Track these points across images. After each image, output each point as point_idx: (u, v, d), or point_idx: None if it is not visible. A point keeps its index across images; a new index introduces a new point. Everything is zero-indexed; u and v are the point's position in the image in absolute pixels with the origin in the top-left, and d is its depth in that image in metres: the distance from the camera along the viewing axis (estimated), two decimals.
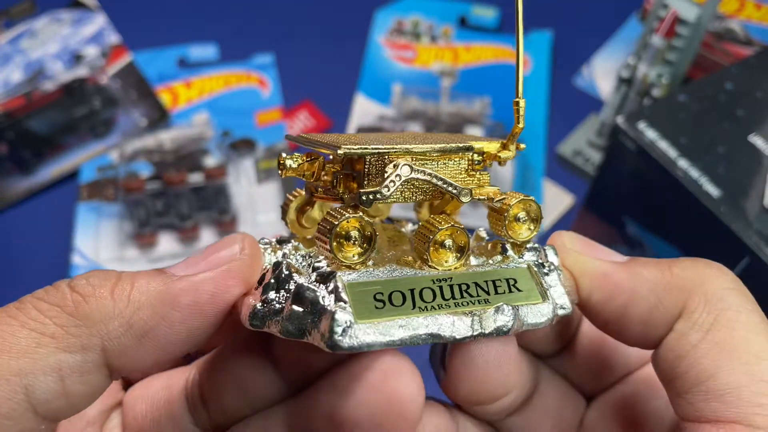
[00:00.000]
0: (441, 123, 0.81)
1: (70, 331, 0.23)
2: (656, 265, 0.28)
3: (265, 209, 0.77)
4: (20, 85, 0.87)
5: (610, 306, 0.28)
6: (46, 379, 0.22)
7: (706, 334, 0.25)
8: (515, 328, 0.26)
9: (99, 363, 0.24)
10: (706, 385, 0.24)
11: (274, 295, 0.25)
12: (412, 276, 0.26)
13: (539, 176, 0.80)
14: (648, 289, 0.27)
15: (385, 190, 0.26)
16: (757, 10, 0.89)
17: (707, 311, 0.26)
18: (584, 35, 0.95)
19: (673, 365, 0.26)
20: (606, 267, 0.28)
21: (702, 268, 0.27)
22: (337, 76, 0.91)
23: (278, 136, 0.84)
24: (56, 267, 0.74)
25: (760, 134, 0.55)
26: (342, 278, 0.25)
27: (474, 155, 0.29)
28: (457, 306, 0.26)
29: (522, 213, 0.29)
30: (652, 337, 0.27)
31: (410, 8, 0.98)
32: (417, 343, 0.24)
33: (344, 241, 0.26)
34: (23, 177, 0.81)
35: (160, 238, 0.74)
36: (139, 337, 0.24)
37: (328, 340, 0.23)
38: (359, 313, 0.24)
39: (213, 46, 0.93)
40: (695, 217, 0.53)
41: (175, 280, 0.25)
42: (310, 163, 0.28)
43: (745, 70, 0.60)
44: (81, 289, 0.24)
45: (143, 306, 0.24)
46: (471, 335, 0.25)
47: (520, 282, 0.28)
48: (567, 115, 0.86)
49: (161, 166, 0.77)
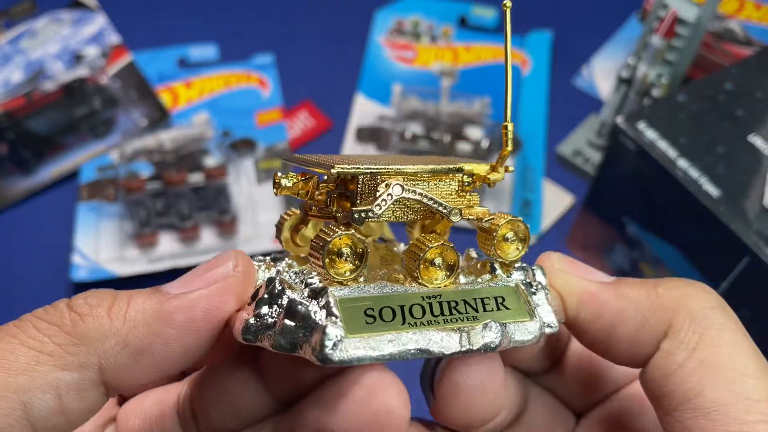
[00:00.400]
0: (441, 123, 0.81)
1: (68, 349, 0.24)
2: (642, 285, 0.28)
3: (265, 209, 0.77)
4: (20, 85, 0.87)
5: (597, 325, 0.28)
6: (44, 396, 0.23)
7: (692, 352, 0.26)
8: (503, 344, 0.26)
9: (96, 381, 0.24)
10: (693, 402, 0.25)
11: (267, 309, 0.26)
12: (402, 292, 0.27)
13: (539, 176, 0.81)
14: (634, 308, 0.28)
15: (377, 208, 0.27)
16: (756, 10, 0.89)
17: (692, 330, 0.26)
18: (584, 35, 0.95)
19: (661, 383, 0.26)
20: (593, 287, 0.29)
21: (686, 288, 0.28)
22: (337, 76, 0.91)
23: (278, 136, 0.84)
24: (56, 267, 0.74)
25: (759, 134, 0.55)
26: (334, 294, 0.25)
27: (464, 177, 0.30)
28: (446, 322, 0.26)
29: (510, 233, 0.29)
30: (639, 356, 0.28)
31: (410, 8, 0.98)
32: (406, 357, 0.25)
33: (336, 257, 0.26)
34: (23, 177, 0.81)
35: (161, 238, 0.74)
36: (136, 355, 0.25)
37: (319, 354, 0.24)
38: (350, 328, 0.24)
39: (213, 47, 0.93)
40: (695, 217, 0.53)
41: (170, 298, 0.26)
42: (305, 182, 0.29)
43: (744, 70, 0.60)
44: (79, 308, 0.25)
45: (139, 324, 0.25)
46: (459, 351, 0.26)
47: (507, 300, 0.28)
48: (567, 115, 0.86)
49: (161, 166, 0.77)
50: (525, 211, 0.77)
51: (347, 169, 0.27)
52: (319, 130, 0.86)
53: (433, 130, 0.80)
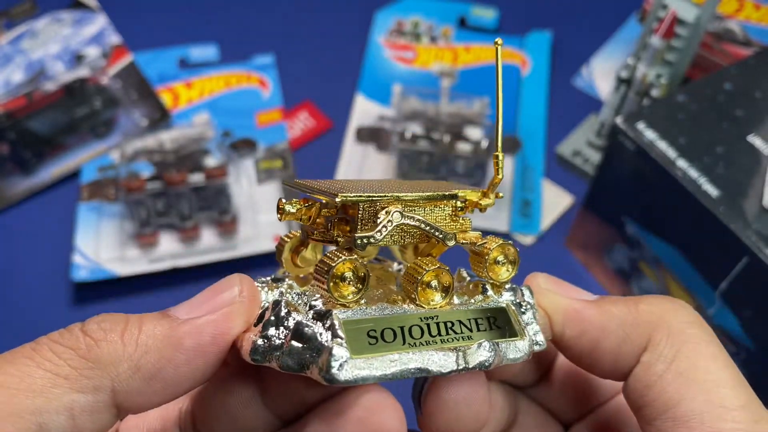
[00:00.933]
0: (441, 123, 0.81)
1: (83, 373, 0.25)
2: (624, 302, 0.30)
3: (266, 209, 0.77)
4: (21, 86, 0.87)
5: (582, 341, 0.30)
6: (59, 417, 0.24)
7: (670, 364, 0.27)
8: (495, 362, 0.28)
9: (108, 403, 0.25)
10: (672, 412, 0.26)
11: (274, 331, 0.27)
12: (401, 314, 0.28)
13: (538, 176, 0.81)
14: (616, 324, 0.29)
15: (378, 234, 0.29)
16: (756, 10, 0.89)
17: (670, 344, 0.28)
18: (583, 36, 0.95)
19: (642, 394, 0.28)
20: (577, 305, 0.30)
21: (665, 305, 0.29)
22: (337, 77, 0.92)
23: (278, 137, 0.84)
24: (57, 267, 0.74)
25: (759, 134, 0.55)
26: (338, 316, 0.27)
27: (457, 202, 0.31)
28: (444, 342, 0.28)
29: (501, 256, 0.31)
30: (622, 369, 0.29)
31: (410, 9, 0.98)
32: (407, 376, 0.27)
33: (339, 281, 0.28)
34: (24, 177, 0.81)
35: (161, 238, 0.74)
36: (147, 379, 0.26)
37: (326, 374, 0.25)
38: (354, 349, 0.26)
39: (213, 47, 0.93)
40: (694, 217, 0.53)
41: (179, 324, 0.27)
42: (308, 208, 0.30)
43: (744, 70, 0.60)
44: (93, 333, 0.26)
45: (150, 350, 0.26)
46: (456, 369, 0.27)
47: (499, 320, 0.30)
48: (566, 115, 0.86)
49: (162, 166, 0.77)
50: (524, 211, 0.78)
51: (350, 197, 0.28)
52: (319, 131, 0.86)
53: (432, 130, 0.80)
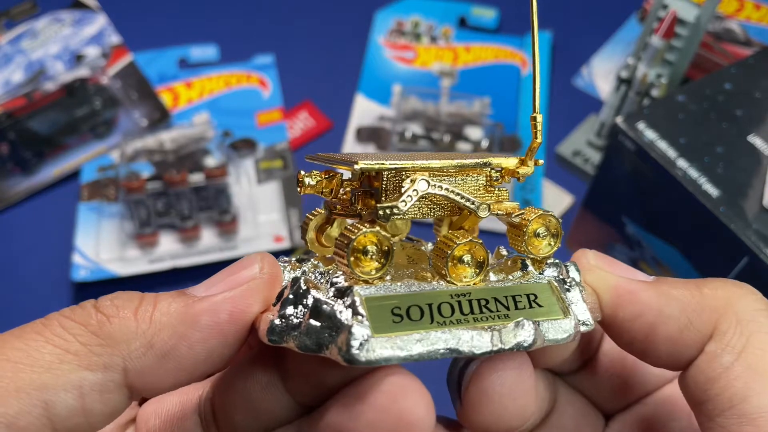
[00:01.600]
0: (441, 123, 0.81)
1: (93, 349, 0.24)
2: (685, 284, 0.27)
3: (266, 209, 0.77)
4: (21, 86, 0.87)
5: (636, 325, 0.27)
6: (67, 395, 0.23)
7: (739, 356, 0.25)
8: (536, 343, 0.26)
9: (119, 383, 0.24)
10: (739, 408, 0.24)
11: (292, 310, 0.26)
12: (430, 291, 0.26)
13: (539, 176, 0.81)
14: (678, 308, 0.26)
15: (402, 204, 0.26)
16: (756, 10, 0.89)
17: (739, 332, 0.25)
18: (584, 35, 0.95)
19: (705, 387, 0.25)
20: (633, 285, 0.28)
21: (732, 289, 0.27)
22: (337, 77, 0.91)
23: (278, 137, 0.84)
24: (57, 267, 0.74)
25: (759, 134, 0.55)
26: (359, 292, 0.25)
27: (492, 171, 0.29)
28: (477, 321, 0.26)
29: (542, 228, 0.28)
30: (681, 359, 0.27)
31: (410, 9, 0.98)
32: (435, 357, 0.24)
33: (361, 255, 0.26)
34: (24, 177, 0.81)
35: (161, 238, 0.74)
36: (160, 358, 0.25)
37: (345, 354, 0.23)
38: (376, 328, 0.24)
39: (213, 47, 0.93)
40: (694, 217, 0.53)
41: (195, 301, 0.26)
42: (328, 180, 0.28)
43: (744, 70, 0.60)
44: (106, 309, 0.25)
45: (164, 327, 0.25)
46: (491, 350, 0.25)
47: (540, 297, 0.27)
48: (566, 115, 0.86)
49: (162, 166, 0.77)
50: None
51: (371, 165, 0.26)
52: (319, 131, 0.86)
53: (433, 130, 0.80)
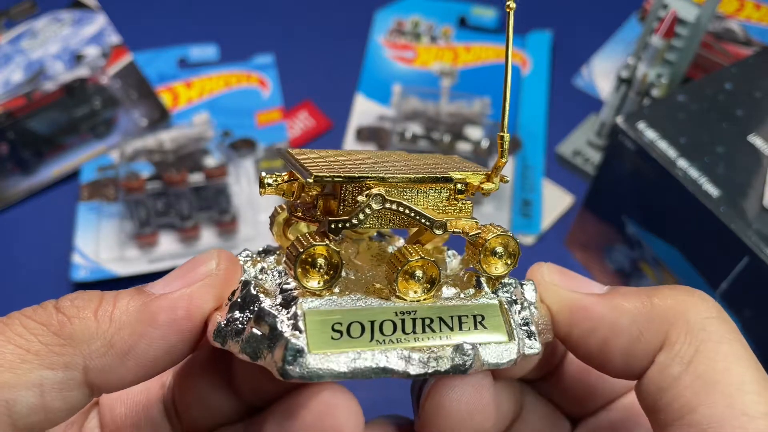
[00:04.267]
0: (441, 123, 0.81)
1: (53, 349, 0.24)
2: (636, 294, 0.27)
3: (266, 209, 0.77)
4: (21, 85, 0.87)
5: (591, 340, 0.27)
6: (27, 393, 0.23)
7: (688, 366, 0.25)
8: (474, 367, 0.25)
9: (80, 381, 0.25)
10: (688, 419, 0.24)
11: (239, 314, 0.26)
12: (375, 307, 0.26)
13: (539, 176, 0.81)
14: (628, 321, 0.27)
15: (356, 220, 0.26)
16: (756, 10, 0.89)
17: (688, 342, 0.25)
18: (584, 35, 0.95)
19: (656, 398, 0.26)
20: (585, 301, 0.28)
21: (683, 297, 0.27)
22: (337, 76, 0.91)
23: (278, 137, 0.84)
24: (56, 267, 0.74)
25: (759, 134, 0.55)
26: (303, 306, 0.25)
27: (456, 185, 0.28)
28: (417, 341, 0.25)
29: (500, 248, 0.28)
30: (635, 369, 0.27)
31: (410, 8, 0.98)
32: (368, 376, 0.24)
33: (310, 267, 0.26)
34: (24, 177, 0.81)
35: (161, 238, 0.74)
36: (121, 356, 0.25)
37: (280, 368, 0.23)
38: (314, 344, 0.24)
39: (213, 47, 0.93)
40: (695, 217, 0.53)
41: (153, 299, 0.26)
42: (290, 183, 0.28)
43: (744, 70, 0.60)
44: (66, 310, 0.25)
45: (124, 325, 0.25)
46: (425, 372, 0.25)
47: (487, 319, 0.27)
48: (566, 115, 0.86)
49: (162, 166, 0.77)
50: (525, 211, 0.77)
51: (324, 178, 0.25)
52: (319, 130, 0.86)
53: (433, 130, 0.80)
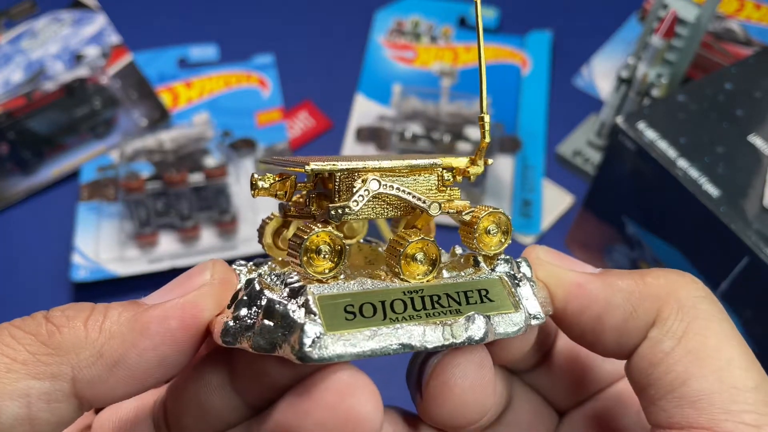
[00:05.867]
0: (441, 123, 0.81)
1: (41, 359, 0.24)
2: (629, 275, 0.28)
3: (266, 209, 0.77)
4: (21, 85, 0.87)
5: (585, 316, 0.28)
6: (13, 404, 0.23)
7: (679, 341, 0.26)
8: (488, 337, 0.26)
9: (68, 392, 0.24)
10: (679, 391, 0.25)
11: (246, 311, 0.26)
12: (383, 288, 0.26)
13: (539, 176, 0.81)
14: (622, 297, 0.27)
15: (354, 204, 0.27)
16: (756, 10, 0.89)
17: (680, 319, 0.26)
18: (584, 35, 0.95)
19: (647, 372, 0.26)
20: (580, 278, 0.28)
21: (674, 277, 0.27)
22: (337, 76, 0.91)
23: (278, 137, 0.84)
24: (56, 267, 0.74)
25: (759, 134, 0.55)
26: (312, 291, 0.25)
27: (443, 171, 0.29)
28: (429, 316, 0.26)
29: (492, 225, 0.29)
30: (627, 346, 0.27)
31: (410, 8, 0.98)
32: (388, 353, 0.25)
33: (315, 255, 0.26)
34: (24, 177, 0.81)
35: (161, 238, 0.74)
36: (111, 367, 0.25)
37: (298, 352, 0.24)
38: (329, 325, 0.24)
39: (213, 47, 0.93)
40: (695, 217, 0.53)
41: (145, 309, 0.26)
42: (281, 182, 0.28)
43: (744, 70, 0.60)
44: (56, 320, 0.25)
45: (114, 335, 0.25)
46: (442, 344, 0.25)
47: (492, 292, 0.28)
48: (566, 115, 0.86)
49: (161, 166, 0.77)
50: (525, 211, 0.77)
51: (323, 166, 0.26)
52: (319, 130, 0.86)
53: (433, 130, 0.80)
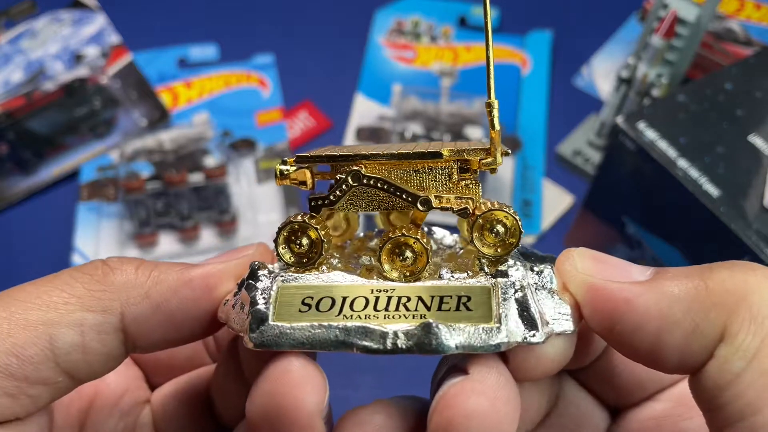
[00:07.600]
0: (441, 123, 0.81)
1: (94, 294, 0.27)
2: (687, 277, 0.24)
3: (266, 209, 0.77)
4: (21, 85, 0.87)
5: (638, 336, 0.24)
6: (69, 332, 0.26)
7: (751, 361, 0.22)
8: (438, 349, 0.24)
9: (116, 326, 0.27)
10: (751, 420, 0.22)
11: (239, 293, 0.28)
12: (352, 284, 0.26)
13: (539, 176, 0.81)
14: (681, 311, 0.23)
15: (333, 197, 0.27)
16: (756, 10, 0.89)
17: (753, 332, 0.22)
18: (584, 35, 0.95)
19: (714, 395, 0.23)
20: (627, 291, 0.24)
21: (743, 278, 0.23)
22: (337, 76, 0.91)
23: (278, 137, 0.84)
24: (56, 267, 0.73)
25: (759, 134, 0.55)
26: (279, 280, 0.26)
27: (459, 163, 0.27)
28: (386, 318, 0.25)
29: (494, 224, 0.27)
30: (691, 365, 0.24)
31: (410, 8, 0.98)
32: (326, 348, 0.25)
33: (293, 244, 0.27)
34: (24, 177, 0.81)
35: (161, 238, 0.74)
36: (154, 308, 0.28)
37: (247, 336, 0.25)
38: (278, 314, 0.25)
39: (213, 47, 0.93)
40: (695, 217, 0.53)
41: (191, 267, 0.29)
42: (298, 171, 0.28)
43: (744, 70, 0.60)
44: (111, 263, 0.28)
45: (161, 282, 0.28)
46: (384, 349, 0.24)
47: (473, 301, 0.25)
48: (567, 115, 0.86)
49: (161, 166, 0.77)
50: (525, 211, 0.77)
51: (304, 157, 0.27)
52: (319, 130, 0.86)
53: (433, 130, 0.80)
